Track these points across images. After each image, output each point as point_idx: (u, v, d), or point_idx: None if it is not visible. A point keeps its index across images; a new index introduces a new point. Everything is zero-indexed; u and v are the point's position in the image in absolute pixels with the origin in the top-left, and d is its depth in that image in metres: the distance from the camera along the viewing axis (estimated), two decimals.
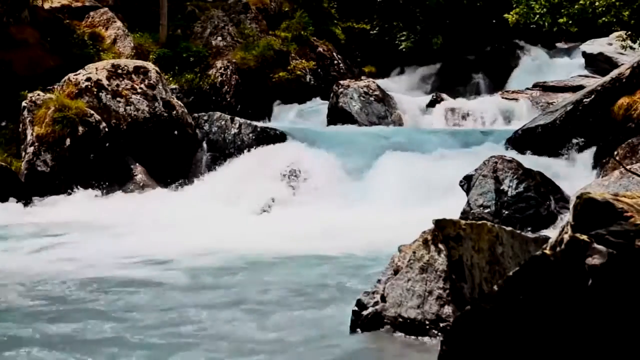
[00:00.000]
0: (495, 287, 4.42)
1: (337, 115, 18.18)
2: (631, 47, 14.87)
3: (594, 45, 20.39)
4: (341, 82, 18.89)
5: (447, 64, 22.66)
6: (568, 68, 21.31)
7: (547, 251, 4.27)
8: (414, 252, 6.37)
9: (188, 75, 18.92)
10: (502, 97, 19.43)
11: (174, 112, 15.89)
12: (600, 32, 19.01)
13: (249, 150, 15.43)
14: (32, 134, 14.62)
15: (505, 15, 15.04)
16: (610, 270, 4.07)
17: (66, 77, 15.71)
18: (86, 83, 15.46)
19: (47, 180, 14.36)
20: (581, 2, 13.47)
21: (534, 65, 22.55)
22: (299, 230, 11.54)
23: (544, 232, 10.11)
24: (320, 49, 21.66)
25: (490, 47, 23.10)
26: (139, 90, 15.75)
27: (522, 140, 14.76)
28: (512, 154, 13.19)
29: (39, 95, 15.11)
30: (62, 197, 14.25)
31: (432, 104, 19.04)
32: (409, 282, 6.33)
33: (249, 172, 14.58)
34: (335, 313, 7.12)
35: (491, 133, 16.22)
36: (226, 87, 19.24)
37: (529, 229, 10.85)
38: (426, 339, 6.12)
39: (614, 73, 14.58)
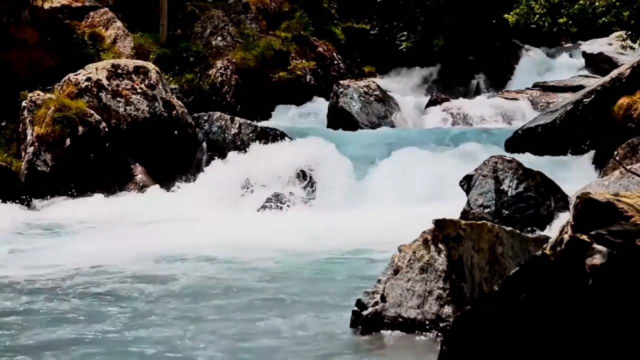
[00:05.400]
0: (496, 287, 4.42)
1: (337, 115, 18.17)
2: (631, 47, 14.87)
3: (594, 45, 20.38)
4: (341, 82, 18.88)
5: (447, 64, 22.66)
6: (568, 68, 21.32)
7: (547, 251, 4.26)
8: (414, 252, 6.38)
9: (188, 75, 18.92)
10: (502, 97, 19.43)
11: (174, 112, 15.89)
12: (600, 32, 19.00)
13: (245, 151, 15.39)
14: (32, 134, 14.61)
15: (505, 15, 15.04)
16: (611, 270, 4.07)
17: (66, 77, 15.71)
18: (86, 83, 15.46)
19: (47, 180, 14.35)
20: (581, 2, 13.46)
21: (534, 65, 22.56)
22: (298, 230, 11.54)
23: (544, 232, 10.10)
24: (320, 49, 21.66)
25: (490, 47, 23.10)
26: (139, 90, 15.75)
27: (522, 140, 14.76)
28: (512, 154, 13.18)
29: (39, 95, 15.11)
30: (62, 197, 14.25)
31: (432, 104, 19.04)
32: (409, 282, 6.33)
33: (249, 172, 14.57)
34: (335, 313, 7.11)
35: (491, 133, 16.22)
36: (226, 87, 19.24)
37: (529, 229, 10.85)
38: (426, 339, 6.12)
39: (614, 73, 14.58)
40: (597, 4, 13.36)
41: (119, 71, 15.89)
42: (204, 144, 15.94)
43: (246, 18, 21.00)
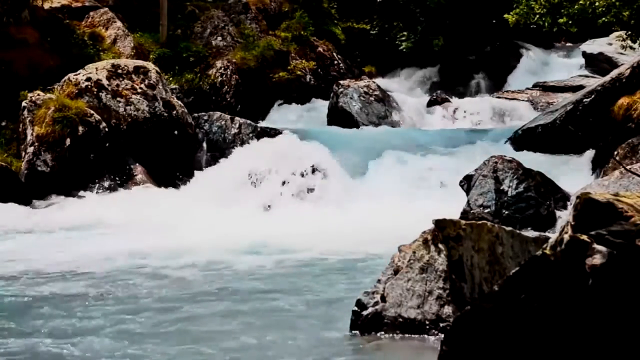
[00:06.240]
0: (496, 287, 4.42)
1: (337, 115, 18.16)
2: (631, 47, 14.88)
3: (594, 45, 20.39)
4: (341, 82, 18.88)
5: (448, 64, 22.65)
6: (568, 68, 21.31)
7: (547, 251, 4.26)
8: (414, 252, 6.38)
9: (188, 75, 18.92)
10: (502, 97, 19.43)
11: (174, 112, 15.88)
12: (600, 32, 19.00)
13: (244, 151, 15.37)
14: (32, 134, 14.61)
15: (505, 15, 15.04)
16: (611, 270, 4.07)
17: (66, 77, 15.70)
18: (86, 83, 15.46)
19: (47, 180, 14.35)
20: (581, 2, 13.47)
21: (534, 65, 22.54)
22: (297, 230, 11.53)
23: (544, 232, 10.11)
24: (320, 49, 21.65)
25: (490, 47, 23.08)
26: (139, 90, 15.74)
27: (522, 140, 14.77)
28: (512, 153, 13.19)
29: (39, 95, 15.11)
30: (62, 197, 14.24)
31: (432, 104, 19.04)
32: (409, 282, 6.33)
33: (249, 172, 14.57)
34: (336, 313, 7.12)
35: (491, 133, 16.22)
36: (226, 87, 19.24)
37: (529, 229, 10.85)
38: (426, 339, 6.12)
39: (614, 73, 14.59)
40: (597, 4, 13.36)
41: (119, 71, 15.89)
42: (204, 144, 15.94)
43: (246, 18, 20.99)
